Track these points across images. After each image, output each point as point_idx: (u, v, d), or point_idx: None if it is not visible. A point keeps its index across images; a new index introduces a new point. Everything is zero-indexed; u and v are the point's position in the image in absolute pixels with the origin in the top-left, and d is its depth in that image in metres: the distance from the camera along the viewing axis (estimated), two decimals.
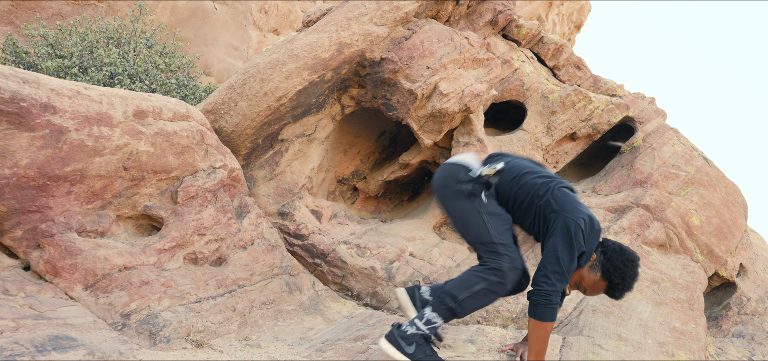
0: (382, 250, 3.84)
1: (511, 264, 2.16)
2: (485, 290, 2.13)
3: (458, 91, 4.15)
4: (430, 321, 2.16)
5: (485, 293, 2.13)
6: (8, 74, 2.22)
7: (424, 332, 2.15)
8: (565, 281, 2.14)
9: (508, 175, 2.35)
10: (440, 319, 2.16)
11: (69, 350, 1.97)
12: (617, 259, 2.22)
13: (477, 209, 2.25)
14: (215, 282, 2.91)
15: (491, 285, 2.13)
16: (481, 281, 2.14)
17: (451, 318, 2.18)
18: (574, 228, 2.14)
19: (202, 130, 3.16)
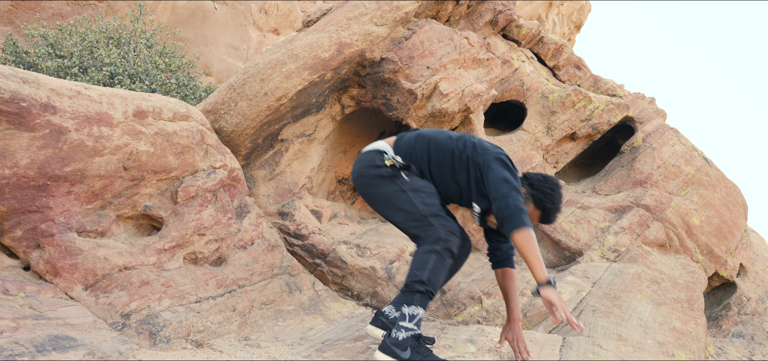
0: (382, 250, 3.84)
1: (447, 229, 2.20)
2: (438, 259, 2.17)
3: (458, 91, 4.15)
4: (412, 315, 2.16)
5: (440, 262, 2.17)
6: (8, 74, 2.22)
7: (413, 330, 2.16)
8: (520, 194, 2.19)
9: (420, 142, 2.40)
10: (420, 308, 2.16)
11: (69, 350, 1.97)
12: (544, 186, 2.30)
13: (401, 188, 2.27)
14: (215, 282, 2.91)
15: (441, 252, 2.17)
16: (431, 254, 2.17)
17: (429, 300, 2.19)
18: (505, 157, 2.29)
19: (202, 130, 3.16)
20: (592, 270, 3.79)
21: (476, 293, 3.62)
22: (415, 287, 2.16)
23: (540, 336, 2.91)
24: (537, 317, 3.41)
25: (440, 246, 2.17)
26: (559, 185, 2.33)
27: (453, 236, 2.20)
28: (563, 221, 4.22)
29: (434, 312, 3.61)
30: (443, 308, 3.61)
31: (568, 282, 3.65)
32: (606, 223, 4.21)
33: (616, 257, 3.97)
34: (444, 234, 2.18)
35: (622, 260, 3.93)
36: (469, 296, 3.61)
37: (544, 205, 2.28)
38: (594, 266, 3.84)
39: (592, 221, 4.22)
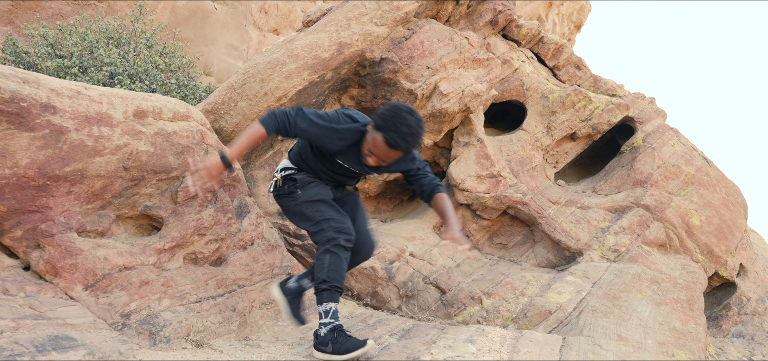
0: (382, 250, 3.84)
1: (335, 229, 2.45)
2: (333, 257, 2.42)
3: (458, 91, 4.15)
4: (326, 311, 2.41)
5: (334, 259, 2.42)
6: (8, 74, 2.22)
7: (330, 323, 2.40)
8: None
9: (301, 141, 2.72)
10: (330, 302, 2.41)
11: (69, 350, 1.97)
12: (383, 110, 2.41)
13: (297, 202, 2.60)
14: (215, 282, 2.91)
15: (333, 249, 2.42)
16: (325, 254, 2.43)
17: (338, 293, 2.43)
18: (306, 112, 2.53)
19: (202, 130, 3.16)
20: (592, 270, 3.79)
21: (476, 293, 3.62)
22: (320, 288, 2.42)
23: (540, 336, 2.91)
24: (537, 317, 3.41)
25: (330, 245, 2.42)
26: (402, 108, 2.37)
27: (340, 233, 2.44)
28: (563, 221, 4.22)
29: (434, 312, 3.62)
30: (443, 308, 3.61)
31: (568, 282, 3.65)
32: (606, 223, 4.21)
33: (616, 257, 3.97)
34: (333, 234, 2.44)
35: (622, 260, 3.93)
36: (469, 296, 3.61)
37: (380, 125, 2.35)
38: (594, 266, 3.84)
39: (592, 221, 4.22)
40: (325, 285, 2.40)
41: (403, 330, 2.96)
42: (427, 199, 2.70)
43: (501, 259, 4.33)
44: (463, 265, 4.08)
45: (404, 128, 2.32)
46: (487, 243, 4.44)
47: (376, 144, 2.38)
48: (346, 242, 2.45)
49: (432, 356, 2.40)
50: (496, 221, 4.43)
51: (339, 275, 2.41)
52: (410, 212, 4.92)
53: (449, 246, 3.93)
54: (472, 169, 4.28)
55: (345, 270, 2.45)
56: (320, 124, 2.47)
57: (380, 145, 2.36)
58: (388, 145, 2.34)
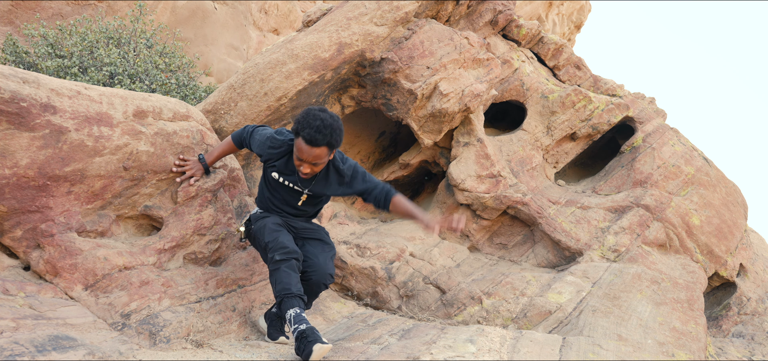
0: (382, 250, 3.84)
1: (272, 246, 2.58)
2: (276, 273, 2.54)
3: (458, 91, 4.15)
4: (290, 318, 2.47)
5: (278, 273, 2.53)
6: (8, 74, 2.22)
7: (296, 327, 2.44)
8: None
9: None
10: (291, 309, 2.48)
11: (69, 350, 1.97)
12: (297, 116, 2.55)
13: (253, 238, 2.86)
14: (215, 282, 2.91)
15: (273, 267, 2.55)
16: (275, 272, 2.54)
17: (294, 299, 2.50)
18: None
19: (202, 130, 3.16)
20: (592, 270, 3.79)
21: (476, 293, 3.62)
22: (282, 304, 2.51)
23: (540, 336, 2.91)
24: (537, 317, 3.41)
25: (271, 265, 2.56)
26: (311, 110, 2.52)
27: (275, 251, 2.56)
28: (563, 221, 4.22)
29: (434, 312, 3.62)
30: (443, 308, 3.61)
31: (568, 282, 3.65)
32: (606, 223, 4.21)
33: (616, 257, 3.97)
34: (271, 254, 2.57)
35: (622, 260, 3.93)
36: (469, 296, 3.61)
37: (296, 128, 2.52)
38: (594, 266, 3.84)
39: (592, 221, 4.22)
40: (280, 298, 2.51)
41: (403, 330, 2.96)
42: (384, 207, 2.77)
43: (501, 259, 4.33)
44: (463, 265, 4.08)
45: (316, 122, 2.45)
46: (487, 243, 4.45)
47: (300, 148, 2.51)
48: (283, 255, 2.55)
49: (432, 356, 2.40)
50: (496, 221, 4.43)
51: (288, 283, 2.50)
52: None
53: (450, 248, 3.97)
54: (472, 169, 4.28)
55: (294, 277, 2.54)
56: (258, 136, 2.79)
57: (303, 147, 2.50)
58: (307, 142, 2.47)
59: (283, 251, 2.56)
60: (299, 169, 2.59)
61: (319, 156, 2.52)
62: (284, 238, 2.63)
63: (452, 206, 4.43)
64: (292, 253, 2.58)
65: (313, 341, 2.33)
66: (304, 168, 2.56)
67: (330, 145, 2.52)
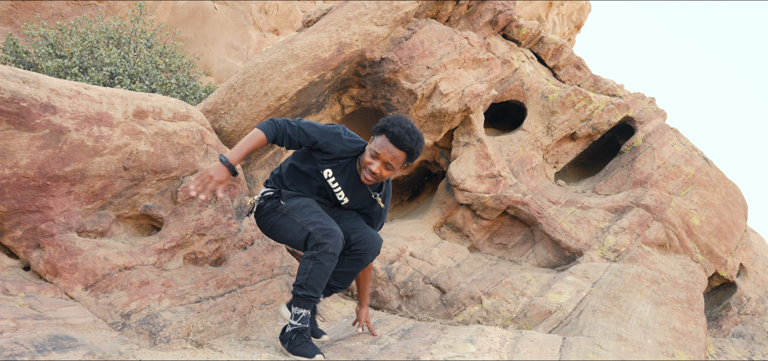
0: (382, 250, 3.84)
1: (323, 231, 2.39)
2: (316, 264, 2.38)
3: (458, 91, 4.15)
4: (297, 315, 2.44)
5: (317, 267, 2.38)
6: (8, 74, 2.22)
7: (296, 326, 2.43)
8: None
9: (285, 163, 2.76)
10: (302, 309, 2.42)
11: (69, 350, 1.97)
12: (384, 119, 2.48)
13: (281, 214, 2.56)
14: (215, 282, 2.91)
15: (320, 257, 2.37)
16: (310, 261, 2.39)
17: (308, 302, 2.42)
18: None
19: (202, 130, 3.16)
20: (592, 270, 3.79)
21: (476, 293, 3.62)
22: (295, 292, 2.43)
23: (540, 336, 2.91)
24: (537, 317, 3.41)
25: (318, 251, 2.37)
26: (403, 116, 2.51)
27: (328, 238, 2.37)
28: (563, 221, 4.22)
29: (434, 312, 3.62)
30: (443, 308, 3.61)
31: (568, 282, 3.65)
32: (606, 223, 4.21)
33: (616, 257, 3.97)
34: (321, 238, 2.37)
35: (622, 260, 3.93)
36: (469, 296, 3.61)
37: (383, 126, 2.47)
38: (594, 266, 3.84)
39: (592, 221, 4.22)
40: (300, 292, 2.41)
41: (403, 330, 2.96)
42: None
43: (501, 259, 4.33)
44: (463, 265, 4.08)
45: (408, 125, 2.41)
46: (487, 243, 4.45)
47: (381, 145, 2.40)
48: (334, 247, 2.38)
49: (432, 356, 2.40)
50: (496, 221, 4.43)
51: (317, 285, 2.39)
52: (410, 212, 4.92)
53: (450, 248, 3.94)
54: (472, 169, 4.28)
55: (325, 280, 2.41)
56: (322, 127, 2.55)
57: (384, 145, 2.39)
58: (392, 140, 2.38)
59: (335, 242, 2.38)
60: (366, 169, 2.45)
61: (396, 160, 2.42)
62: (336, 226, 2.45)
63: (452, 206, 4.43)
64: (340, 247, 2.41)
65: (312, 345, 2.40)
66: (375, 167, 2.42)
67: (411, 153, 2.43)
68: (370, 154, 2.44)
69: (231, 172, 2.38)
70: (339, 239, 2.41)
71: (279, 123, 2.51)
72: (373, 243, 2.59)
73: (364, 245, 2.57)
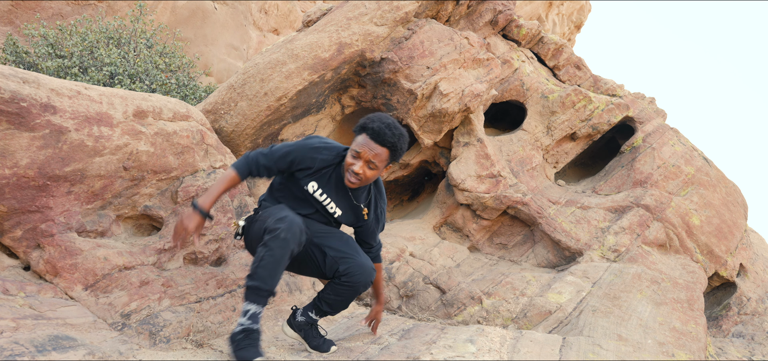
0: (382, 250, 3.84)
1: (275, 218, 2.21)
2: (268, 250, 2.16)
3: (458, 91, 4.15)
4: (245, 311, 2.19)
5: (269, 253, 2.16)
6: (8, 74, 2.22)
7: (242, 325, 2.18)
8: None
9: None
10: (251, 303, 2.17)
11: (69, 350, 1.97)
12: (363, 118, 2.36)
13: (260, 222, 2.36)
14: (215, 282, 2.91)
15: (270, 242, 2.16)
16: (262, 248, 2.18)
17: (258, 295, 2.18)
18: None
19: (202, 130, 3.16)
20: (592, 270, 3.79)
21: (476, 293, 3.62)
22: (246, 283, 2.20)
23: (540, 336, 2.91)
24: (537, 317, 3.41)
25: (269, 236, 2.17)
26: (382, 113, 2.41)
27: (280, 222, 2.18)
28: (563, 221, 4.22)
29: (434, 312, 3.61)
30: (443, 308, 3.61)
31: (568, 282, 3.64)
32: (606, 223, 4.21)
33: (616, 257, 3.97)
34: (272, 224, 2.19)
35: (622, 260, 3.93)
36: (469, 296, 3.61)
37: (360, 124, 2.38)
38: (594, 266, 3.84)
39: (592, 221, 4.22)
40: (251, 282, 2.17)
41: (403, 330, 2.96)
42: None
43: (501, 259, 4.33)
44: (463, 265, 4.08)
45: (387, 120, 2.31)
46: (487, 243, 4.44)
47: (361, 143, 2.29)
48: (287, 232, 2.16)
49: (432, 356, 2.40)
50: (496, 221, 4.43)
51: (268, 274, 2.15)
52: (410, 212, 4.92)
53: (450, 248, 3.85)
54: (472, 169, 4.28)
55: (278, 270, 2.18)
56: (296, 143, 2.44)
57: (365, 143, 2.28)
58: (373, 136, 2.27)
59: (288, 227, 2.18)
60: (349, 170, 2.31)
61: (379, 158, 2.28)
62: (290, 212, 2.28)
63: (452, 206, 4.43)
64: (296, 235, 2.20)
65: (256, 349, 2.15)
66: (357, 167, 2.28)
67: (394, 149, 2.30)
68: (351, 154, 2.32)
69: (204, 217, 2.25)
70: (293, 226, 2.20)
71: (251, 156, 2.41)
72: (363, 276, 2.41)
73: (354, 277, 2.39)
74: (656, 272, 3.85)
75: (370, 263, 2.47)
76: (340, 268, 2.38)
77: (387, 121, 2.30)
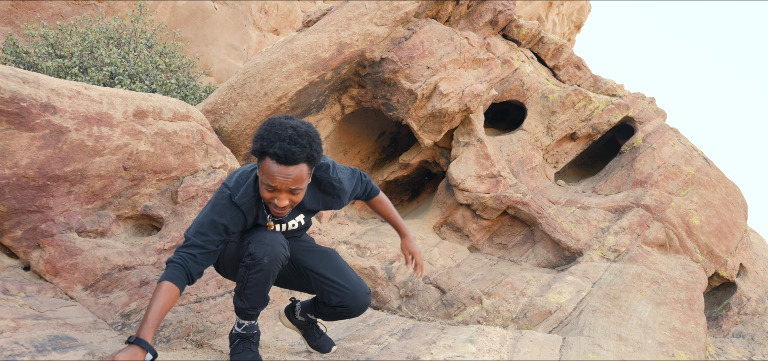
0: (382, 250, 3.84)
1: (256, 239, 2.06)
2: (251, 275, 2.07)
3: (458, 91, 4.15)
4: (239, 323, 2.26)
5: (253, 278, 2.07)
6: (8, 74, 2.22)
7: (239, 332, 2.25)
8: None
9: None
10: (244, 320, 2.21)
11: (69, 350, 1.97)
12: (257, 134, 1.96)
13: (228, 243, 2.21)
14: (215, 282, 2.91)
15: (251, 269, 2.06)
16: (244, 269, 2.09)
17: (248, 315, 2.20)
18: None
19: (202, 130, 3.16)
20: (592, 270, 3.79)
21: (476, 293, 3.62)
22: (235, 302, 2.21)
23: (540, 336, 2.91)
24: (537, 317, 3.41)
25: (250, 261, 2.06)
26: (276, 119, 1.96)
27: (261, 245, 2.04)
28: (563, 221, 4.22)
29: (434, 312, 3.62)
30: (443, 308, 3.61)
31: (568, 282, 3.65)
32: (606, 223, 4.21)
33: (616, 257, 3.97)
34: (253, 248, 2.05)
35: (622, 260, 3.93)
36: (469, 296, 3.61)
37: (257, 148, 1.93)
38: (594, 266, 3.84)
39: (592, 221, 4.22)
40: (241, 303, 2.15)
41: (403, 330, 2.96)
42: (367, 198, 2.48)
43: (501, 259, 4.33)
44: (463, 265, 4.08)
45: (288, 132, 1.87)
46: (487, 243, 4.45)
47: (270, 173, 1.88)
48: (270, 257, 2.05)
49: (432, 356, 2.40)
50: (496, 221, 4.43)
51: (256, 295, 2.12)
52: (410, 212, 4.92)
53: (450, 248, 3.80)
54: (472, 169, 4.28)
55: (266, 289, 2.13)
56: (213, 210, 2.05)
57: (274, 170, 1.87)
58: (281, 161, 1.86)
59: (269, 247, 2.03)
60: (271, 204, 1.96)
61: (300, 179, 1.91)
62: (272, 236, 2.10)
63: (452, 206, 4.43)
64: (276, 253, 2.06)
65: (252, 353, 2.17)
66: (280, 200, 1.93)
67: (310, 159, 1.92)
68: (266, 189, 1.94)
69: (149, 352, 1.82)
70: (276, 248, 2.06)
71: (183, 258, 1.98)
72: (357, 304, 2.27)
73: (349, 307, 2.27)
74: (656, 272, 3.85)
75: (363, 286, 2.30)
76: (334, 301, 2.25)
77: (287, 133, 1.87)
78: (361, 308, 2.30)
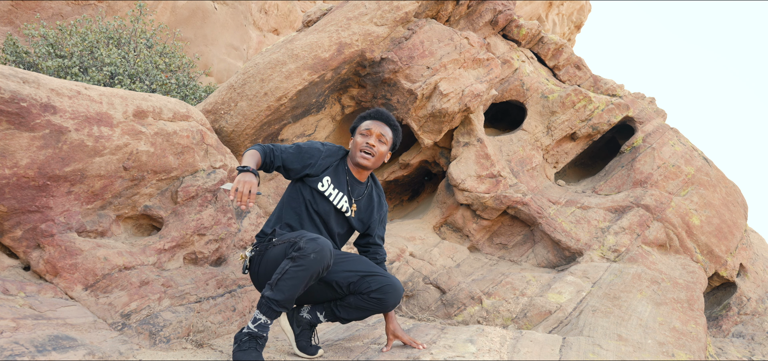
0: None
1: (305, 236, 2.24)
2: (293, 268, 2.17)
3: (458, 91, 4.15)
4: (256, 319, 2.22)
5: (294, 271, 2.16)
6: (8, 74, 2.22)
7: (251, 331, 2.22)
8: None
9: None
10: (263, 315, 2.20)
11: (69, 350, 1.97)
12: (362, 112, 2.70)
13: (272, 246, 2.41)
14: (215, 282, 2.91)
15: (296, 261, 2.16)
16: (287, 262, 2.19)
17: (271, 309, 2.19)
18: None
19: (202, 130, 3.16)
20: (592, 270, 3.79)
21: (476, 293, 3.62)
22: (265, 293, 2.22)
23: (540, 336, 2.91)
24: (537, 317, 3.41)
25: (296, 253, 2.17)
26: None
27: (311, 242, 2.18)
28: (563, 221, 4.22)
29: (434, 312, 3.62)
30: (443, 308, 3.61)
31: (568, 282, 3.65)
32: (606, 223, 4.21)
33: (616, 257, 3.97)
34: (303, 243, 2.19)
35: (622, 260, 3.93)
36: (469, 296, 3.61)
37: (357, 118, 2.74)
38: (594, 266, 3.84)
39: (592, 221, 4.22)
40: (270, 294, 2.18)
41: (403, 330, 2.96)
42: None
43: (501, 259, 4.33)
44: (463, 265, 4.08)
45: (385, 110, 2.64)
46: (487, 243, 4.45)
47: (367, 125, 2.56)
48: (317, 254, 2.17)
49: (432, 356, 2.40)
50: (496, 221, 4.43)
51: (288, 289, 2.17)
52: (410, 212, 4.92)
53: (450, 248, 3.86)
54: (472, 169, 4.28)
55: (299, 289, 2.19)
56: (304, 145, 2.58)
57: (371, 124, 2.56)
58: (377, 117, 2.58)
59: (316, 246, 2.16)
60: (362, 146, 2.53)
61: (385, 137, 2.57)
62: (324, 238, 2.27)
63: (452, 206, 4.43)
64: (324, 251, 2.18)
65: (257, 352, 2.19)
66: (371, 140, 2.53)
67: (396, 132, 2.62)
68: (360, 134, 2.57)
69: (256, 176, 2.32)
70: (324, 249, 2.19)
71: (266, 147, 2.51)
72: (395, 296, 2.43)
73: (387, 296, 2.41)
74: (656, 272, 3.85)
75: (400, 283, 2.50)
76: (373, 285, 2.39)
77: (384, 110, 2.62)
78: (396, 300, 2.45)
